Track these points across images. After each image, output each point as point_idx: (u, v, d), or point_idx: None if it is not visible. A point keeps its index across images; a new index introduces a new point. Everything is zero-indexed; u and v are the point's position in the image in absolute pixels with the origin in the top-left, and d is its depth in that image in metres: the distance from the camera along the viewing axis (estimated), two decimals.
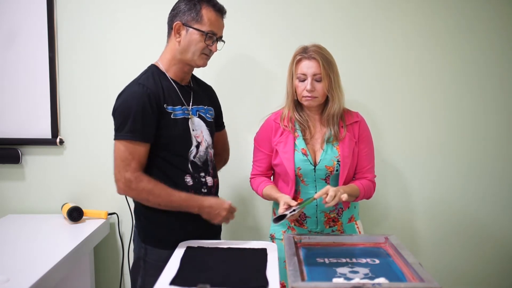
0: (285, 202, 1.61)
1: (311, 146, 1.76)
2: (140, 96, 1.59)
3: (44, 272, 1.52)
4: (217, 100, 1.91)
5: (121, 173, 1.59)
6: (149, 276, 1.67)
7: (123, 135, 1.59)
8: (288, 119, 1.79)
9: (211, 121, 1.79)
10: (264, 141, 1.82)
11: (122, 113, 1.60)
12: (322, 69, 1.68)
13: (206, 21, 1.63)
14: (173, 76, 1.70)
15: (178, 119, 1.66)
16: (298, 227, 1.79)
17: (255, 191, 1.85)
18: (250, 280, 1.31)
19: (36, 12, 2.17)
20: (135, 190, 1.60)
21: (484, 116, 2.24)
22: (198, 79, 1.87)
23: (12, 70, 2.21)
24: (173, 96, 1.67)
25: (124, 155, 1.58)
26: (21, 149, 2.24)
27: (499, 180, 2.27)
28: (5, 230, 2.02)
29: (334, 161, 1.73)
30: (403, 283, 1.26)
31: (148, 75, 1.66)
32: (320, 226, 1.78)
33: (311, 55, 1.69)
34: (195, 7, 1.63)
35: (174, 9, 1.68)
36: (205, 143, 1.72)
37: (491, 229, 2.29)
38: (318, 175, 1.74)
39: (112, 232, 2.29)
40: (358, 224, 1.85)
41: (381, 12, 2.19)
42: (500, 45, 2.20)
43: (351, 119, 1.80)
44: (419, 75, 2.22)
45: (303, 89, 1.71)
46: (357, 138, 1.78)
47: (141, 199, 1.64)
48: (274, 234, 1.86)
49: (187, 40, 1.64)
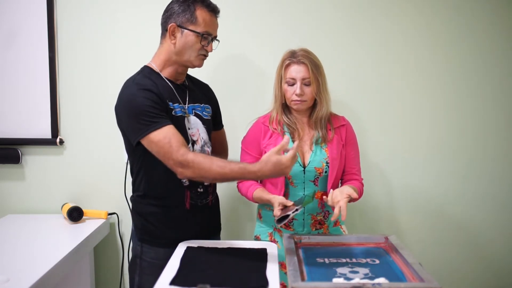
0: (279, 202, 1.61)
1: (300, 148, 1.77)
2: (139, 92, 1.57)
3: (44, 272, 1.52)
4: (214, 98, 1.90)
5: (170, 159, 1.51)
6: (146, 275, 1.68)
7: (144, 132, 1.54)
8: (276, 122, 1.80)
9: (208, 118, 1.79)
10: (253, 144, 1.82)
11: (131, 115, 1.57)
12: (311, 73, 1.71)
13: (201, 22, 1.63)
14: (167, 76, 1.69)
15: (178, 117, 1.66)
16: (285, 229, 1.80)
17: (244, 195, 1.83)
18: (250, 280, 1.31)
19: (36, 12, 2.17)
20: (189, 167, 1.49)
21: (483, 117, 2.24)
22: (193, 78, 1.87)
23: (12, 70, 2.21)
24: (170, 94, 1.67)
25: (160, 144, 1.52)
26: (21, 149, 2.24)
27: (498, 180, 2.27)
28: (5, 230, 2.02)
29: (323, 163, 1.75)
30: (403, 283, 1.26)
31: (143, 75, 1.66)
32: (306, 228, 1.78)
33: (300, 60, 1.71)
34: (189, 8, 1.63)
35: (168, 11, 1.67)
36: (201, 141, 1.72)
37: (490, 229, 2.29)
38: (307, 177, 1.75)
39: (112, 232, 2.29)
40: (343, 228, 1.87)
41: (379, 11, 2.19)
42: (499, 45, 2.20)
43: (338, 123, 1.83)
44: (418, 75, 2.22)
45: (292, 93, 1.73)
46: (344, 141, 1.81)
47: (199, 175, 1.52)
48: (259, 236, 1.86)
49: (183, 41, 1.64)
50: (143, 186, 1.70)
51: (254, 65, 2.22)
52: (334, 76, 1.92)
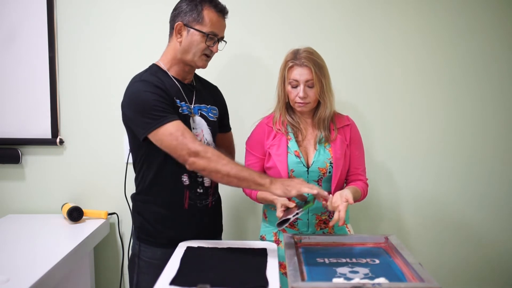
0: (282, 204, 1.60)
1: (304, 149, 1.77)
2: (145, 88, 1.57)
3: (44, 272, 1.52)
4: (222, 100, 1.90)
5: (184, 149, 1.50)
6: (143, 274, 1.69)
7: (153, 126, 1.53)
8: (280, 123, 1.79)
9: (214, 120, 1.78)
10: (257, 145, 1.82)
11: (138, 111, 1.56)
12: (314, 75, 1.69)
13: (207, 22, 1.62)
14: (175, 74, 1.69)
15: (184, 115, 1.65)
16: (289, 228, 1.79)
17: (248, 195, 1.83)
18: (250, 280, 1.31)
19: (36, 12, 2.17)
20: (206, 158, 1.49)
21: (482, 117, 2.24)
22: (202, 79, 1.86)
23: (12, 70, 2.21)
24: (177, 92, 1.66)
25: (172, 137, 1.51)
26: (21, 149, 2.24)
27: (498, 180, 2.27)
28: (5, 230, 2.02)
29: (327, 163, 1.74)
30: (403, 283, 1.26)
31: (150, 73, 1.66)
32: (311, 228, 1.78)
33: (303, 63, 1.69)
34: (197, 8, 1.63)
35: (176, 9, 1.67)
36: (204, 142, 1.71)
37: (489, 229, 2.29)
38: (311, 177, 1.74)
39: (112, 232, 2.29)
40: (349, 227, 1.86)
41: (379, 11, 2.19)
42: (499, 45, 2.20)
43: (342, 122, 1.81)
44: (417, 76, 2.22)
45: (296, 95, 1.72)
46: (348, 141, 1.79)
47: (211, 169, 1.50)
48: (265, 236, 1.86)
49: (188, 40, 1.64)
50: (143, 184, 1.70)
51: (261, 65, 2.21)
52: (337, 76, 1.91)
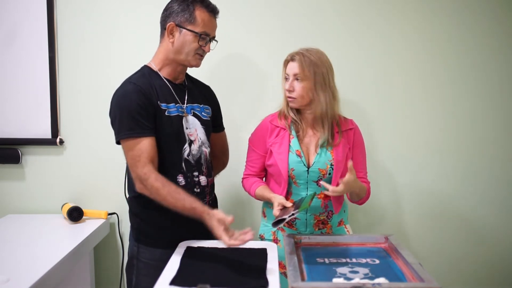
0: (279, 203, 1.61)
1: (306, 148, 1.77)
2: (131, 93, 1.59)
3: (44, 272, 1.52)
4: (215, 99, 1.90)
5: (134, 172, 1.58)
6: (142, 275, 1.68)
7: (123, 135, 1.59)
8: (283, 117, 1.81)
9: (207, 119, 1.78)
10: (259, 142, 1.83)
11: (117, 114, 1.60)
12: (303, 69, 1.70)
13: (199, 22, 1.63)
14: (166, 75, 1.70)
15: (172, 117, 1.66)
16: (288, 228, 1.80)
17: (247, 191, 1.85)
18: (250, 280, 1.31)
19: (36, 12, 2.17)
20: (146, 188, 1.56)
21: (481, 117, 2.24)
22: (194, 78, 1.87)
23: (12, 70, 2.21)
24: (166, 94, 1.67)
25: (131, 154, 1.58)
26: (21, 149, 2.24)
27: (497, 180, 2.27)
28: (5, 230, 2.02)
29: (328, 165, 1.74)
30: (403, 283, 1.26)
31: (139, 75, 1.67)
32: (309, 228, 1.78)
33: (293, 57, 1.73)
34: (188, 8, 1.63)
35: (167, 9, 1.68)
36: (199, 141, 1.72)
37: (489, 229, 2.29)
38: (310, 177, 1.75)
39: (112, 232, 2.29)
40: (347, 228, 1.86)
41: (378, 12, 2.19)
42: (498, 46, 2.20)
43: (346, 126, 1.82)
44: (417, 76, 2.22)
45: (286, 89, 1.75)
46: (351, 144, 1.80)
47: (155, 198, 1.56)
48: (264, 235, 1.86)
49: (181, 41, 1.64)
50: None
51: (254, 65, 2.21)
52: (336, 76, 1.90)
